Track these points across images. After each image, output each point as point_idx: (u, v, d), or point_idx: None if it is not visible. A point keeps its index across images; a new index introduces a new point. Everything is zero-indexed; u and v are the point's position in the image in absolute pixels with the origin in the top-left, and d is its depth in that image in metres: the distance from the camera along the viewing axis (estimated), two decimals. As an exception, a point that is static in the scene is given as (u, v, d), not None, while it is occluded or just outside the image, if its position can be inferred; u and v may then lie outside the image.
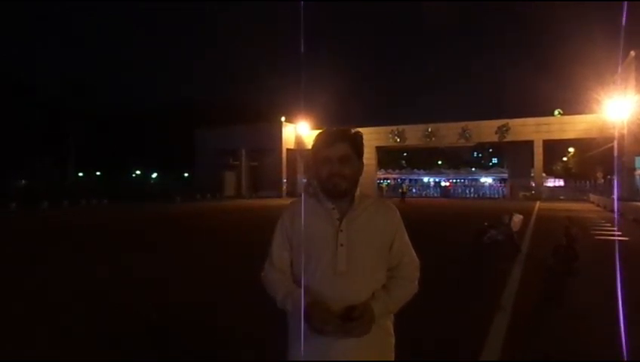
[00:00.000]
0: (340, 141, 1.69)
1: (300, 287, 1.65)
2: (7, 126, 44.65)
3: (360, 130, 1.77)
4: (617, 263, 7.46)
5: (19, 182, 49.49)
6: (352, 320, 1.56)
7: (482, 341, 4.22)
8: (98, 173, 63.50)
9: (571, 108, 39.55)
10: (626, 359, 2.89)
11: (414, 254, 1.79)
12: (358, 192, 1.74)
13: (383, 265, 1.72)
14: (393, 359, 1.74)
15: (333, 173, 1.66)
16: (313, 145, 1.74)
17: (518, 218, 9.61)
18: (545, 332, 4.60)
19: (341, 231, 1.66)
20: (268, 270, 1.77)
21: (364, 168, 1.78)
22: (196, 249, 10.77)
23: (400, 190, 37.20)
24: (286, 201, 1.86)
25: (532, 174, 41.22)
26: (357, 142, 1.73)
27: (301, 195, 1.76)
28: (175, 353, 4.16)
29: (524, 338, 4.44)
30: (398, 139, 43.32)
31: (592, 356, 3.97)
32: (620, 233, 12.89)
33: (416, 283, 1.77)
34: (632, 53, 31.75)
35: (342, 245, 1.65)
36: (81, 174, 59.38)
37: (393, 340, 1.75)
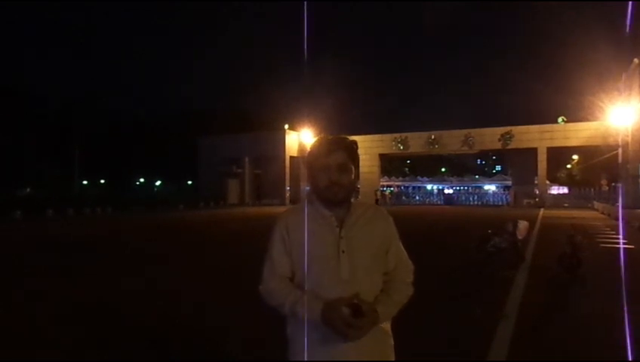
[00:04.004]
0: (338, 149, 1.70)
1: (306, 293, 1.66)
2: (11, 134, 44.97)
3: (363, 137, 1.81)
4: (622, 271, 7.41)
5: (23, 190, 49.74)
6: (358, 317, 1.57)
7: (486, 348, 4.20)
8: (102, 181, 63.81)
9: (575, 115, 39.51)
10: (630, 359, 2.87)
11: (408, 258, 1.84)
12: (353, 200, 1.77)
13: (381, 269, 1.74)
14: (394, 359, 1.76)
15: (332, 181, 1.67)
16: (310, 153, 1.75)
17: (523, 224, 9.55)
18: (549, 339, 4.57)
19: (342, 238, 1.68)
20: (268, 279, 1.74)
21: (368, 175, 1.79)
22: (197, 253, 10.78)
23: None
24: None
25: (536, 181, 41.09)
26: (353, 151, 1.75)
27: (298, 203, 1.77)
28: (175, 353, 4.16)
29: (528, 345, 4.41)
30: (402, 147, 43.31)
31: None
32: (625, 241, 12.79)
33: (412, 286, 1.81)
34: (636, 60, 31.72)
35: (343, 252, 1.66)
36: (85, 182, 59.68)
37: (392, 342, 1.77)
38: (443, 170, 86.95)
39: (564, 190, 62.40)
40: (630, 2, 2.54)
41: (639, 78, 31.65)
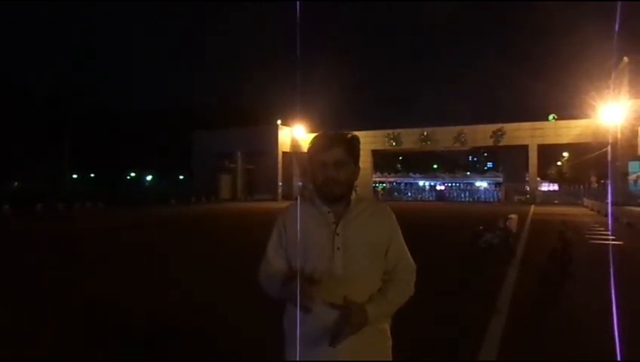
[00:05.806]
0: (335, 145, 1.68)
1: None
2: (2, 128, 44.44)
3: (356, 133, 1.77)
4: (611, 266, 7.50)
5: (12, 184, 49.18)
6: (345, 316, 1.54)
7: (479, 343, 4.23)
8: (92, 175, 63.27)
9: (566, 113, 39.84)
10: (619, 359, 2.91)
11: (411, 258, 1.79)
12: (353, 196, 1.73)
13: (379, 268, 1.71)
14: (391, 360, 1.74)
15: (328, 177, 1.66)
16: (309, 149, 1.73)
17: (513, 220, 9.72)
18: (540, 334, 4.62)
19: (337, 234, 1.66)
20: (264, 269, 1.76)
21: (360, 172, 1.77)
22: (195, 251, 10.75)
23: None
24: (282, 204, 1.87)
25: (527, 178, 41.38)
26: (353, 147, 1.72)
27: (297, 199, 1.76)
28: (175, 353, 4.15)
29: (520, 340, 4.46)
30: (394, 143, 43.44)
31: (586, 358, 4.00)
32: (613, 237, 12.95)
33: (413, 286, 1.76)
34: (625, 58, 32.02)
35: (338, 249, 1.65)
36: (75, 176, 59.12)
37: (390, 343, 1.74)
38: (435, 166, 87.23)
39: (555, 187, 63.01)
40: (619, 1, 2.55)
41: (628, 76, 31.96)
